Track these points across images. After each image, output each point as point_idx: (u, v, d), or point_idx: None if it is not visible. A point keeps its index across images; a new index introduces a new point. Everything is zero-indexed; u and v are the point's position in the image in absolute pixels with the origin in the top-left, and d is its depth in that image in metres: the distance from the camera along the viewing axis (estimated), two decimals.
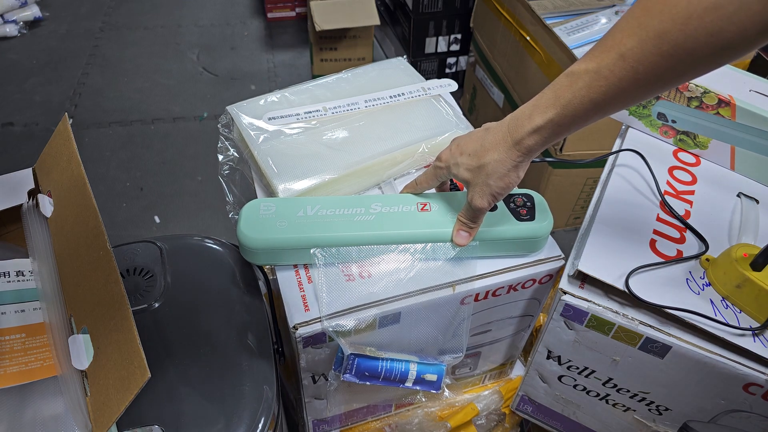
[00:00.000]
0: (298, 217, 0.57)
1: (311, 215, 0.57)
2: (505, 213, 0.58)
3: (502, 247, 0.58)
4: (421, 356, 0.62)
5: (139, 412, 0.52)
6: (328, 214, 0.57)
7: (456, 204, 0.59)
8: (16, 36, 2.30)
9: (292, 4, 2.42)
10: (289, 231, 0.56)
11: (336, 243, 0.56)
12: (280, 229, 0.56)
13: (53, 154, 0.59)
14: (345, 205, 0.58)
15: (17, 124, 1.90)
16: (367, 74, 0.78)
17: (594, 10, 1.43)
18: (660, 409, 0.60)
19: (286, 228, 0.56)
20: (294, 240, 0.56)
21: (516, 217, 0.58)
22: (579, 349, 0.59)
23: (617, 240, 0.58)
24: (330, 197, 0.60)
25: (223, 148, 0.70)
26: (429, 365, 0.62)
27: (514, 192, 0.60)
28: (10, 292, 0.53)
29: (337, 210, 0.58)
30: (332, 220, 0.57)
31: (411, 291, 0.55)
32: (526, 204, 0.59)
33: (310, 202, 0.59)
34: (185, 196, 1.68)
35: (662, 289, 0.53)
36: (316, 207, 0.58)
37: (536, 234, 0.58)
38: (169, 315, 0.61)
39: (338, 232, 0.56)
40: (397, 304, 0.55)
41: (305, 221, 0.57)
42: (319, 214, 0.57)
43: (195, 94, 2.08)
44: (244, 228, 0.56)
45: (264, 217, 0.57)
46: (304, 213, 0.57)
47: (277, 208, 0.58)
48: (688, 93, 0.66)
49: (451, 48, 1.92)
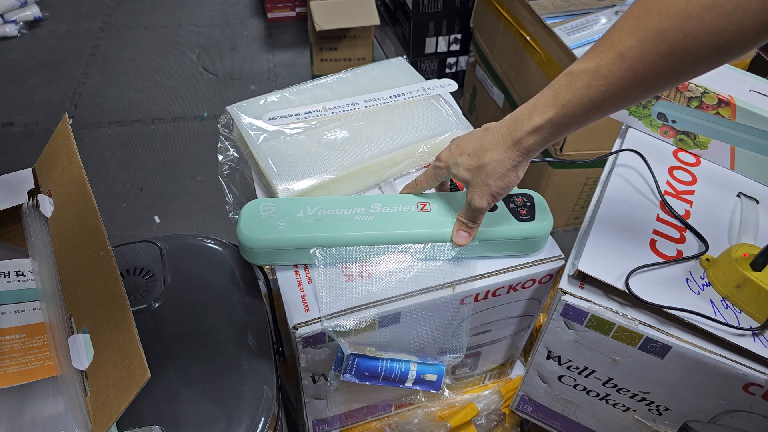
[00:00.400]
0: (298, 217, 0.57)
1: (311, 215, 0.57)
2: (505, 213, 0.58)
3: (502, 247, 0.58)
4: (421, 356, 0.62)
5: (139, 412, 0.52)
6: (328, 214, 0.57)
7: (456, 204, 0.59)
8: (16, 36, 2.30)
9: (292, 4, 2.42)
10: (289, 231, 0.56)
11: (336, 243, 0.56)
12: (280, 229, 0.56)
13: (53, 154, 0.59)
14: (345, 205, 0.58)
15: (17, 124, 1.90)
16: (367, 74, 0.78)
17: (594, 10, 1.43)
18: (660, 409, 0.60)
19: (286, 228, 0.56)
20: (294, 240, 0.56)
21: (516, 217, 0.58)
22: (579, 349, 0.59)
23: (617, 240, 0.58)
24: (330, 197, 0.60)
25: (223, 148, 0.70)
26: (429, 365, 0.61)
27: (514, 192, 0.60)
28: (10, 292, 0.53)
29: (337, 210, 0.58)
30: (332, 220, 0.57)
31: (411, 291, 0.55)
32: (526, 204, 0.59)
33: (310, 202, 0.59)
34: (185, 196, 1.68)
35: (662, 289, 0.53)
36: (316, 207, 0.58)
37: (536, 234, 0.58)
38: (169, 315, 0.61)
39: (338, 232, 0.56)
40: (397, 304, 0.55)
41: (305, 221, 0.57)
42: (319, 214, 0.57)
43: (195, 94, 2.08)
44: (244, 228, 0.56)
45: (264, 217, 0.57)
46: (304, 213, 0.57)
47: (276, 209, 0.58)
48: (688, 93, 0.66)
49: (451, 48, 1.92)
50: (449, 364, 0.63)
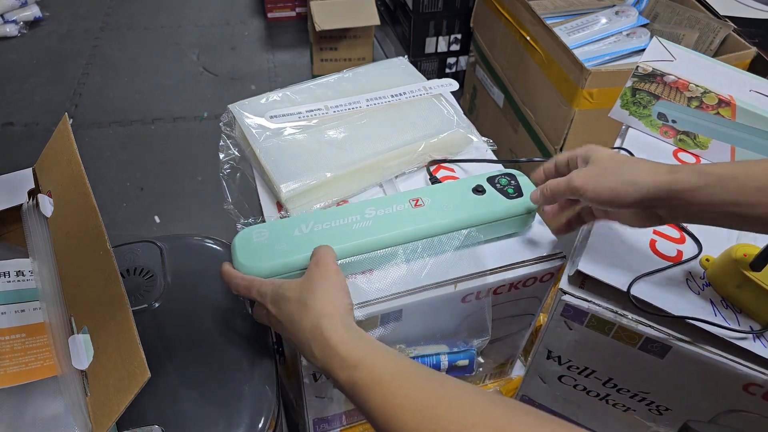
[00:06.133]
0: (296, 236, 0.55)
1: (308, 232, 0.55)
2: (495, 194, 0.60)
3: (500, 228, 0.60)
4: (449, 343, 0.63)
5: (139, 412, 0.52)
6: (325, 228, 0.56)
7: (446, 194, 0.60)
8: (16, 36, 2.30)
9: (292, 4, 2.42)
10: (291, 252, 0.54)
11: (343, 254, 0.55)
12: (281, 252, 0.54)
13: (53, 154, 0.59)
14: (339, 215, 0.57)
15: (17, 124, 1.91)
16: (368, 73, 0.78)
17: (594, 10, 1.43)
18: (660, 409, 0.60)
19: (287, 250, 0.54)
20: (300, 260, 0.53)
21: (506, 197, 0.59)
22: (579, 349, 0.59)
23: (617, 240, 0.58)
24: (321, 211, 0.59)
25: (224, 147, 0.70)
26: (459, 352, 0.62)
27: (496, 173, 0.62)
28: (10, 292, 0.53)
29: (333, 222, 0.56)
30: (332, 232, 0.56)
31: (412, 288, 0.55)
32: (511, 183, 0.61)
33: (303, 219, 0.57)
34: (185, 196, 1.68)
35: (662, 289, 0.53)
36: (311, 223, 0.56)
37: (529, 208, 0.59)
38: (169, 315, 0.61)
39: (342, 243, 0.54)
40: (399, 302, 0.55)
41: (304, 239, 0.55)
42: (315, 230, 0.56)
43: (195, 94, 2.08)
44: (242, 259, 0.53)
45: (259, 243, 0.55)
46: (300, 232, 0.55)
47: (270, 233, 0.55)
48: (688, 93, 0.66)
49: (451, 48, 1.92)
50: (479, 348, 0.64)
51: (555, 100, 1.28)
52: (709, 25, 1.26)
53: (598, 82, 1.16)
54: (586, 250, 0.56)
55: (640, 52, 1.32)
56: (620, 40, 1.35)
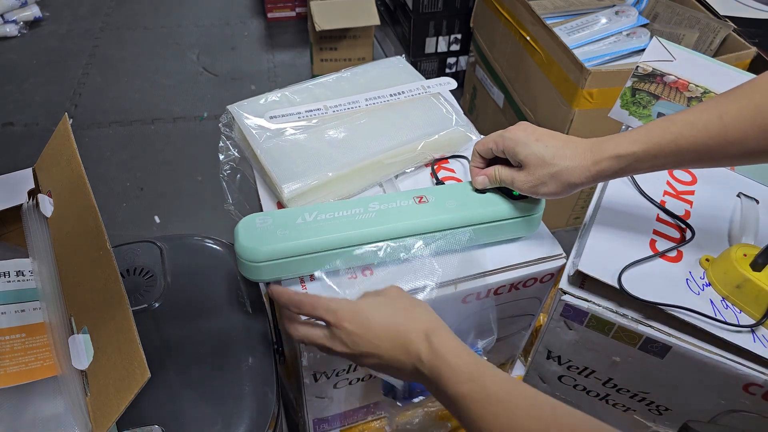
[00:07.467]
0: (298, 224, 0.56)
1: (311, 221, 0.56)
2: (497, 195, 0.59)
3: (502, 231, 0.59)
4: None
5: (139, 412, 0.52)
6: (328, 218, 0.56)
7: (450, 193, 0.59)
8: (16, 36, 2.30)
9: (292, 4, 2.42)
10: (292, 237, 0.54)
11: (343, 243, 0.55)
12: (282, 236, 0.54)
13: (53, 154, 0.59)
14: (343, 207, 0.58)
15: (17, 124, 1.91)
16: (366, 73, 0.78)
17: (594, 10, 1.44)
18: (660, 409, 0.60)
19: (288, 235, 0.54)
20: (300, 245, 0.54)
21: (509, 197, 0.59)
22: (579, 349, 0.59)
23: (617, 240, 0.58)
24: (325, 203, 0.60)
25: (224, 148, 0.70)
26: None
27: None
28: (10, 292, 0.53)
29: (336, 213, 0.57)
30: (334, 222, 0.56)
31: (413, 289, 0.55)
32: None
33: (307, 209, 0.57)
34: (185, 196, 1.68)
35: (662, 289, 0.53)
36: (314, 213, 0.57)
37: (535, 210, 0.59)
38: (169, 315, 0.61)
39: (343, 232, 0.55)
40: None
41: (306, 227, 0.55)
42: (318, 219, 0.56)
43: (195, 94, 2.08)
44: (243, 241, 0.54)
45: (262, 229, 0.55)
46: (303, 220, 0.56)
47: (274, 220, 0.56)
48: (688, 93, 0.66)
49: (451, 48, 1.92)
50: (485, 348, 0.64)
51: (555, 100, 1.28)
52: (709, 25, 1.26)
53: (598, 82, 1.16)
54: (586, 250, 0.56)
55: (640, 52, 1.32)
56: (620, 40, 1.35)
